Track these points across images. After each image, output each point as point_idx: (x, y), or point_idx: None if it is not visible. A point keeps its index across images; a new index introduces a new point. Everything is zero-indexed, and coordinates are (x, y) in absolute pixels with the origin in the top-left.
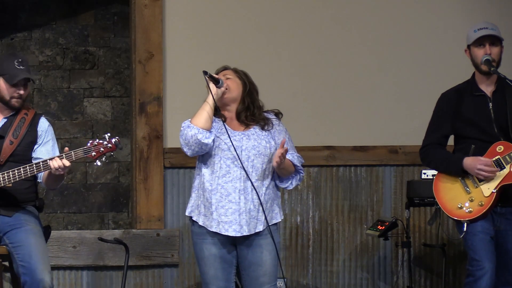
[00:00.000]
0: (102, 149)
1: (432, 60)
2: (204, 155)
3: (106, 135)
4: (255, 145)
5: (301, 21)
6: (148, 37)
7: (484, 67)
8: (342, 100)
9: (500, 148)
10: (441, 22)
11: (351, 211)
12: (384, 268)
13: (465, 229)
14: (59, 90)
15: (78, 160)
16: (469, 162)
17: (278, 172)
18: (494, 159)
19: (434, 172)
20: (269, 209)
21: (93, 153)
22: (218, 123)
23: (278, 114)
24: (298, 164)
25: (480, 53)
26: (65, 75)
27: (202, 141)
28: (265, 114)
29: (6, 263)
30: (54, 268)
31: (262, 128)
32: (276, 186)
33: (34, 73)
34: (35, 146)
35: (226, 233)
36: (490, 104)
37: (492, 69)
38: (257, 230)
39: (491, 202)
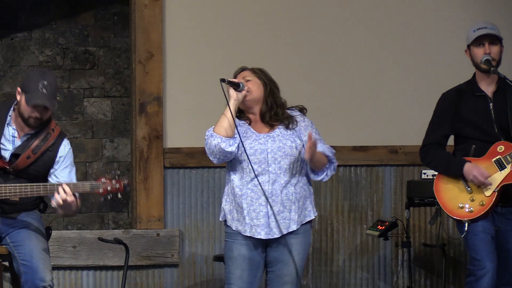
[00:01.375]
0: (109, 188)
1: (432, 60)
2: (232, 161)
3: (116, 173)
4: (280, 146)
5: (301, 21)
6: (148, 37)
7: (484, 67)
8: (342, 100)
9: (501, 148)
10: (441, 23)
11: (351, 211)
12: (384, 268)
13: (466, 228)
14: (59, 90)
15: (84, 192)
16: (467, 167)
17: (312, 166)
18: (494, 159)
19: (434, 172)
20: (302, 207)
21: (101, 190)
22: (243, 127)
23: (302, 110)
24: (330, 154)
25: (480, 52)
26: (65, 75)
27: (226, 149)
28: (289, 111)
29: (6, 263)
30: (54, 268)
31: (287, 127)
32: (309, 182)
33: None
34: (51, 170)
35: (258, 237)
36: (491, 104)
37: (492, 69)
38: (290, 230)
39: (492, 201)
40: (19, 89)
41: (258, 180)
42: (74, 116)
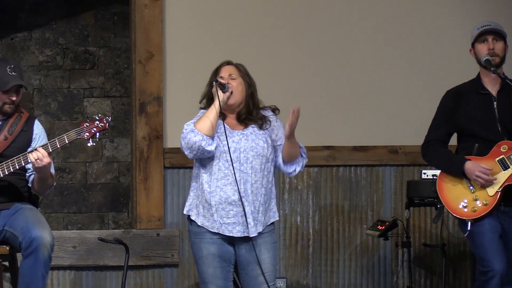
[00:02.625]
0: (94, 129)
1: (432, 60)
2: None
3: (96, 116)
4: (253, 146)
5: (301, 21)
6: (148, 37)
7: (485, 64)
8: (342, 100)
9: (504, 147)
10: (442, 23)
11: (351, 211)
12: (384, 268)
13: (469, 228)
14: (59, 90)
15: (71, 141)
16: (469, 166)
17: (286, 151)
18: (498, 158)
19: (434, 172)
20: (267, 209)
21: (86, 134)
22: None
23: (275, 110)
24: (302, 147)
25: (484, 48)
26: (65, 75)
27: (206, 148)
28: (262, 111)
29: (6, 263)
30: (54, 268)
31: (260, 128)
32: (273, 184)
33: (32, 74)
34: (29, 149)
35: (230, 234)
36: (495, 103)
37: (492, 68)
38: (258, 231)
39: (496, 201)
40: None
41: (236, 178)
42: (74, 116)
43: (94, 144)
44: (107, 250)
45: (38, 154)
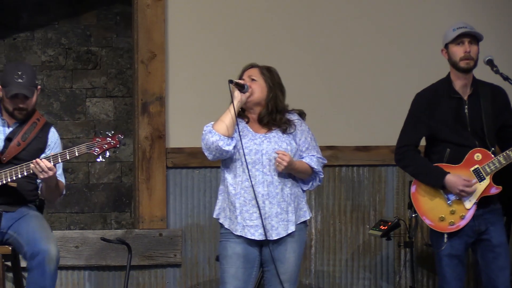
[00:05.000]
0: (105, 145)
1: (433, 61)
2: (227, 159)
3: (109, 132)
4: (275, 148)
5: (304, 22)
6: (151, 37)
7: (489, 64)
8: (345, 100)
9: (478, 156)
10: (445, 24)
11: (353, 211)
12: (387, 268)
13: (445, 240)
14: (62, 90)
15: (82, 155)
16: (451, 179)
17: (296, 176)
18: (473, 168)
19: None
20: (297, 208)
21: (96, 149)
22: (240, 124)
23: (301, 114)
24: (315, 167)
25: (460, 51)
26: (67, 75)
27: (223, 148)
28: (288, 114)
29: (9, 263)
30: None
31: (284, 132)
32: (301, 183)
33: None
34: (42, 155)
35: (252, 237)
36: (466, 107)
37: (494, 68)
38: (289, 231)
39: (473, 213)
40: None
41: (251, 182)
42: (76, 116)
43: (103, 160)
44: (109, 250)
45: (41, 165)
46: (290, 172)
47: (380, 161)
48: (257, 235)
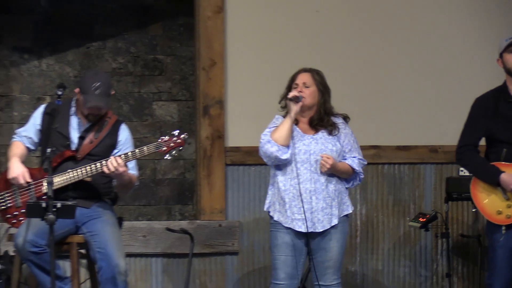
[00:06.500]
0: (172, 144)
1: (469, 66)
2: None
3: (175, 132)
4: (322, 148)
5: (350, 29)
6: (211, 46)
7: None
8: (388, 104)
9: None
10: (481, 29)
11: (395, 205)
12: (425, 257)
13: (503, 232)
14: (131, 94)
15: (150, 153)
16: (504, 178)
17: (339, 176)
18: None
19: (465, 169)
20: (340, 202)
21: (164, 148)
22: None
23: (345, 118)
24: (357, 168)
25: None
26: (135, 80)
27: (281, 157)
28: (334, 118)
29: (83, 251)
30: (126, 255)
31: (330, 133)
32: (343, 181)
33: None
34: (115, 151)
35: (299, 229)
36: None
37: None
38: (332, 224)
39: None
40: (77, 89)
41: (298, 180)
42: (144, 118)
43: (170, 157)
44: (174, 239)
45: (114, 164)
46: (333, 173)
47: (419, 160)
48: (304, 228)
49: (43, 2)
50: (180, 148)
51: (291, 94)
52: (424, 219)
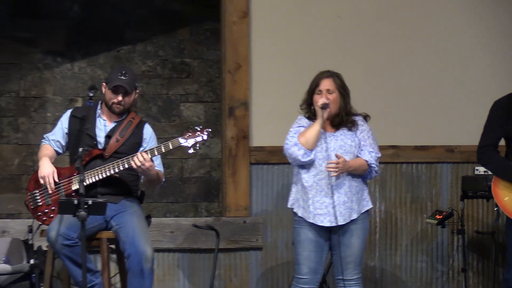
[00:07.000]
0: (196, 139)
1: (485, 69)
2: None
3: (198, 127)
4: (341, 144)
5: (371, 31)
6: (237, 50)
7: None
8: (406, 105)
9: None
10: (499, 31)
11: (412, 203)
12: (442, 252)
13: None
14: (159, 96)
15: (175, 147)
16: None
17: (354, 173)
18: None
19: (485, 169)
20: (360, 198)
21: (188, 142)
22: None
23: (365, 117)
24: (369, 160)
25: None
26: (164, 83)
27: (305, 160)
28: (354, 117)
29: (113, 246)
30: (154, 250)
31: (349, 130)
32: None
33: (138, 82)
34: (141, 149)
35: (321, 224)
36: None
37: None
38: (351, 218)
39: None
40: (104, 84)
41: (328, 176)
42: (172, 118)
43: (195, 151)
44: (200, 235)
45: (140, 158)
46: (348, 172)
47: (436, 159)
48: (326, 222)
49: (76, 8)
50: (203, 142)
51: (321, 102)
52: (441, 216)
